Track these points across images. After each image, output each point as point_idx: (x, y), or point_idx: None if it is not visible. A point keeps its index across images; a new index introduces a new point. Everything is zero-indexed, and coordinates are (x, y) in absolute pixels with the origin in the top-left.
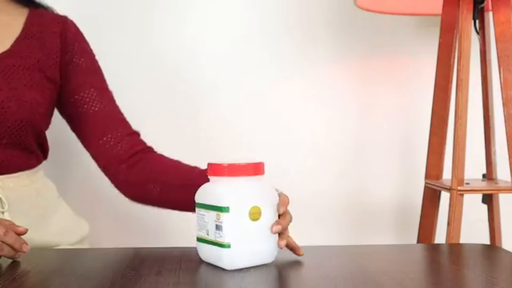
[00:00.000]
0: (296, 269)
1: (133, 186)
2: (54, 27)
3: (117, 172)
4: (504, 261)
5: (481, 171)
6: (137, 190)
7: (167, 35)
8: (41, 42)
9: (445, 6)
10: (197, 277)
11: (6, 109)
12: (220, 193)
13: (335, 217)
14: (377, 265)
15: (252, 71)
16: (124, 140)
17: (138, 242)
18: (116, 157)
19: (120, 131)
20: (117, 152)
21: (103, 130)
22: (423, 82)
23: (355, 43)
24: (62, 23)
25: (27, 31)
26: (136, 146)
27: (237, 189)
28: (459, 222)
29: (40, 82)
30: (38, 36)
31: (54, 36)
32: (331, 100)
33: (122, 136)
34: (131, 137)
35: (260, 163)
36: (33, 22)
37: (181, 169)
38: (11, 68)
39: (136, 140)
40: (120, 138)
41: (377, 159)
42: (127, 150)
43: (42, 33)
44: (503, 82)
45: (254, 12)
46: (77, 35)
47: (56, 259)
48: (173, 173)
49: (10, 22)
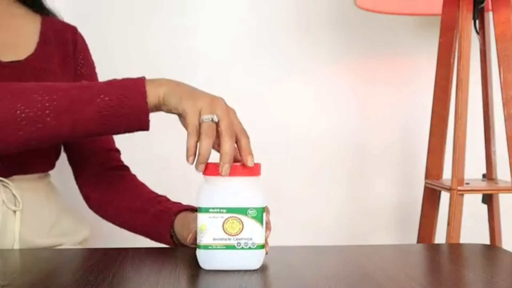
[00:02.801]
0: (296, 269)
1: (95, 200)
2: (66, 34)
3: (84, 184)
4: (504, 261)
5: (481, 171)
6: (97, 206)
7: (165, 36)
8: (58, 48)
9: (445, 6)
10: (197, 277)
11: None
12: (254, 193)
13: (335, 217)
14: (377, 265)
15: (252, 71)
16: (101, 154)
17: (138, 242)
18: (88, 170)
19: (99, 145)
20: (91, 165)
21: (85, 142)
22: (423, 82)
23: (355, 43)
24: (72, 32)
25: (45, 36)
26: (110, 162)
27: (258, 188)
28: (459, 222)
29: None
30: (55, 42)
31: (68, 43)
32: (331, 100)
33: (100, 150)
34: (108, 153)
35: (257, 164)
36: (48, 29)
37: (143, 193)
38: (39, 71)
39: (112, 157)
40: (98, 152)
41: (377, 159)
42: (100, 164)
43: (58, 39)
44: (503, 82)
45: (253, 13)
46: (83, 45)
47: (56, 259)
48: (133, 196)
49: (28, 26)
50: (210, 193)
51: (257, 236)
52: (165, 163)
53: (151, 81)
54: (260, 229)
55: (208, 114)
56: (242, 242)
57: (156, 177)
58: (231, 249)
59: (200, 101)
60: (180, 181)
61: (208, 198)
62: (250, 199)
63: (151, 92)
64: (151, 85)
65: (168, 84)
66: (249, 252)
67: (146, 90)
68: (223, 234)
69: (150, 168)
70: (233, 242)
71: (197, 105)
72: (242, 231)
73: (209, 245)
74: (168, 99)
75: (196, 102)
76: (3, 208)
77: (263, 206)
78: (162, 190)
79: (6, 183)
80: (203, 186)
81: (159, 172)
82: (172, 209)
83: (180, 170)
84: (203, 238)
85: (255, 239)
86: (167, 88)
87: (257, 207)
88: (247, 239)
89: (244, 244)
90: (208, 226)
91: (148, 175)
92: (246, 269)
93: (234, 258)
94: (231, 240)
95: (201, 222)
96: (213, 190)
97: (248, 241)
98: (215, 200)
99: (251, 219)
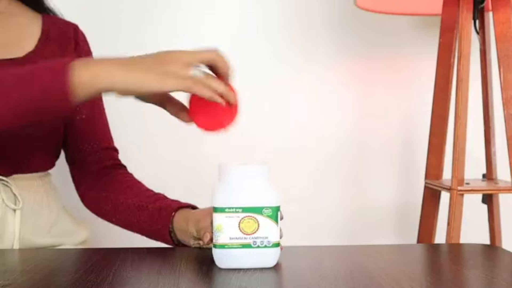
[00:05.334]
0: (296, 269)
1: (91, 198)
2: (68, 32)
3: (81, 182)
4: (504, 261)
5: (481, 171)
6: (93, 203)
7: (164, 34)
8: (60, 46)
9: (445, 6)
10: (197, 277)
11: None
12: (269, 192)
13: (335, 217)
14: (377, 265)
15: (252, 72)
16: (98, 153)
17: (138, 242)
18: (85, 168)
19: (97, 144)
20: (88, 163)
21: (83, 140)
22: (423, 82)
23: (355, 43)
24: (74, 30)
25: (46, 34)
26: (107, 161)
27: (272, 188)
28: (459, 222)
29: None
30: (57, 40)
31: (70, 41)
32: (330, 99)
33: (97, 148)
34: (106, 151)
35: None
36: (50, 26)
37: (141, 191)
38: None
39: (109, 155)
40: (95, 150)
41: (377, 159)
42: (98, 162)
43: (60, 37)
44: (503, 82)
45: (253, 13)
46: (85, 43)
47: (56, 259)
48: (131, 193)
49: (29, 24)
50: (225, 192)
51: (272, 234)
52: (163, 162)
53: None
54: (275, 227)
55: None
56: (258, 241)
57: (154, 176)
58: (247, 248)
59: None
60: (178, 181)
61: (224, 198)
62: (265, 198)
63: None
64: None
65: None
66: (265, 250)
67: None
68: (239, 233)
69: (148, 168)
70: (249, 241)
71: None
72: (257, 230)
73: (225, 245)
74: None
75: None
76: (3, 207)
77: (277, 205)
78: (159, 189)
79: (6, 182)
80: (218, 185)
81: (157, 171)
82: (172, 205)
83: (179, 169)
84: (219, 237)
85: (270, 237)
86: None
87: (272, 206)
88: (262, 238)
89: (260, 242)
90: (224, 226)
91: (146, 175)
92: (262, 267)
93: (250, 256)
94: (247, 239)
95: (217, 221)
96: (228, 189)
97: (264, 239)
98: (231, 200)
99: (266, 218)
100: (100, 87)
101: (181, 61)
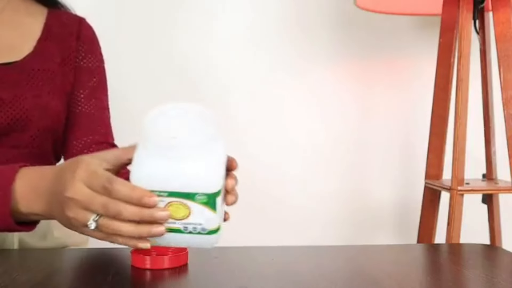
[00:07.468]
0: (295, 269)
1: None
2: (71, 27)
3: None
4: (504, 261)
5: (481, 171)
6: None
7: (164, 34)
8: (60, 45)
9: (445, 6)
10: (197, 276)
11: (30, 118)
12: (205, 175)
13: (335, 217)
14: (377, 265)
15: (251, 72)
16: (93, 147)
17: None
18: None
19: (94, 138)
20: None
21: (81, 133)
22: (423, 82)
23: (355, 43)
24: (78, 24)
25: (47, 32)
26: None
27: (210, 169)
28: (459, 222)
29: (61, 87)
30: (57, 38)
31: (71, 38)
32: (330, 99)
33: (92, 142)
34: (101, 146)
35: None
36: (53, 23)
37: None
38: (36, 73)
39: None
40: (90, 144)
41: (377, 159)
42: None
43: (61, 34)
44: (503, 82)
45: (253, 13)
46: (88, 37)
47: (56, 259)
48: None
49: (31, 22)
50: (149, 169)
51: (208, 222)
52: None
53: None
54: (212, 215)
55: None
56: (190, 227)
57: None
58: (177, 232)
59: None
60: None
61: (147, 176)
62: (200, 180)
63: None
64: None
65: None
66: (199, 236)
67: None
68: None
69: None
70: (179, 226)
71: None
72: (189, 216)
73: None
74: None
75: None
76: None
77: (217, 190)
78: None
79: None
80: (140, 155)
81: None
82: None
83: None
84: None
85: (205, 225)
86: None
87: (208, 193)
88: (195, 224)
89: (193, 229)
90: None
91: None
92: (199, 247)
93: (183, 239)
94: (177, 224)
95: None
96: (153, 166)
97: (197, 226)
98: (155, 180)
99: (201, 205)
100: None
101: (77, 204)
